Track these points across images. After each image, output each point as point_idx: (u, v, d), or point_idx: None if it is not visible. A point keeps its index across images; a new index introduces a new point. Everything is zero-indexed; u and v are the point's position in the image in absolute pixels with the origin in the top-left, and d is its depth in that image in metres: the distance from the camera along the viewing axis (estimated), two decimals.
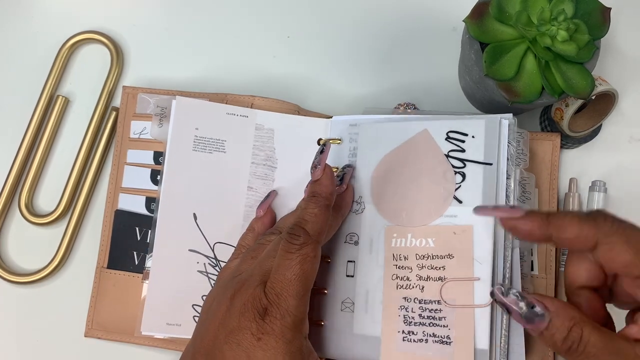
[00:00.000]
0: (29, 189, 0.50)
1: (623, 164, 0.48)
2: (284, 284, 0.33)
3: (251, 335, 0.32)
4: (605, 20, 0.41)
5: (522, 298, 0.30)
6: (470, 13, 0.41)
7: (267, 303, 0.33)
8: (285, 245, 0.35)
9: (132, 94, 0.49)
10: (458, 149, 0.41)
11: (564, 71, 0.40)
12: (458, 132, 0.41)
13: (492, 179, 0.39)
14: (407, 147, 0.42)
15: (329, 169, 0.39)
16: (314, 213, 0.36)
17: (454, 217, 0.40)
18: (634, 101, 0.49)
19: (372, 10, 0.53)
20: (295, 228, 0.35)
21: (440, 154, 0.41)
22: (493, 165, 0.40)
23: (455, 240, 0.39)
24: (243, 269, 0.37)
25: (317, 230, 0.36)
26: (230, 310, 0.34)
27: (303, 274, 0.34)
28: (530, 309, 0.30)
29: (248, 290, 0.34)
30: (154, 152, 0.48)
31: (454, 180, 0.40)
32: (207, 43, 0.53)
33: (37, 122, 0.51)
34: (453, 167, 0.41)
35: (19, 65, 0.53)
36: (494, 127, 0.40)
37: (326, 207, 0.37)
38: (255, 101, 0.47)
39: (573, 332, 0.29)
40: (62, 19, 0.54)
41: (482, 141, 0.40)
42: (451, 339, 0.38)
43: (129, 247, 0.47)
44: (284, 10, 0.54)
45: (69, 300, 0.48)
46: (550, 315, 0.29)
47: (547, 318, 0.29)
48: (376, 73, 0.51)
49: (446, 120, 0.42)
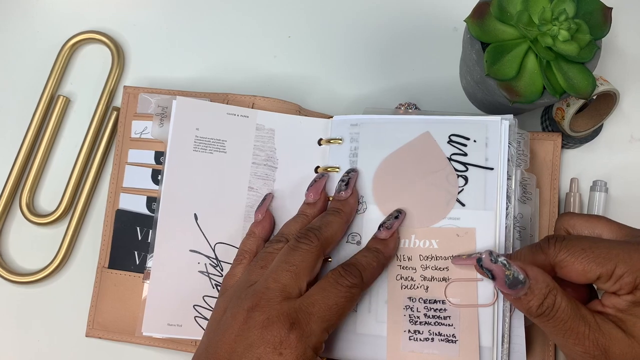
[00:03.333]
0: (30, 188, 0.50)
1: (624, 163, 0.48)
2: (322, 308, 0.35)
3: (273, 349, 0.33)
4: (607, 20, 0.41)
5: (509, 266, 0.32)
6: (471, 13, 0.41)
7: (296, 319, 0.34)
8: (337, 277, 0.36)
9: (133, 94, 0.49)
10: (460, 152, 0.41)
11: (565, 71, 0.40)
12: (460, 136, 0.41)
13: (493, 183, 0.40)
14: (410, 148, 0.42)
15: (395, 236, 0.40)
16: (373, 266, 0.38)
17: (457, 220, 0.40)
18: (635, 101, 0.49)
19: (373, 10, 0.53)
20: (352, 268, 0.37)
21: (442, 156, 0.41)
22: (495, 169, 0.40)
23: (458, 242, 0.39)
24: (253, 279, 0.37)
25: (369, 280, 0.38)
26: (248, 322, 0.34)
27: (342, 308, 0.35)
28: (514, 277, 0.32)
29: (273, 305, 0.34)
30: (155, 152, 0.48)
31: (456, 184, 0.41)
32: (208, 43, 0.53)
33: (38, 122, 0.51)
34: (456, 171, 0.41)
35: (20, 65, 0.53)
36: (495, 130, 0.41)
37: (383, 266, 0.39)
38: (256, 101, 0.47)
39: (548, 299, 0.31)
40: (63, 19, 0.54)
41: (483, 145, 0.41)
42: (456, 337, 0.38)
43: (130, 247, 0.47)
44: (285, 11, 0.54)
45: (70, 300, 0.48)
46: (530, 282, 0.32)
47: (527, 285, 0.32)
48: (377, 73, 0.51)
49: (448, 124, 0.42)
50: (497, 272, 0.33)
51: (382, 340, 0.39)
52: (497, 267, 0.33)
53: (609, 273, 0.31)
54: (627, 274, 0.31)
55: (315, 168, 0.45)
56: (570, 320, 0.31)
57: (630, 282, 0.31)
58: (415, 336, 0.39)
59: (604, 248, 0.32)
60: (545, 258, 0.33)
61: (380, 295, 0.40)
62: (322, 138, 0.46)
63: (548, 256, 0.33)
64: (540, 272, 0.32)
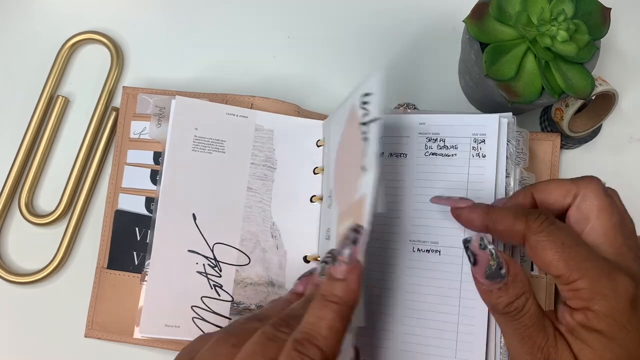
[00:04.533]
0: (29, 189, 0.50)
1: (623, 164, 0.48)
2: None
3: None
4: (605, 20, 0.41)
5: (495, 256, 0.31)
6: (470, 13, 0.41)
7: None
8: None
9: (132, 94, 0.49)
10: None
11: (564, 71, 0.40)
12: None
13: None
14: (345, 132, 0.40)
15: (359, 268, 0.30)
16: (332, 327, 0.28)
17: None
18: (634, 101, 0.49)
19: (372, 11, 0.53)
20: (305, 344, 0.27)
21: (358, 132, 0.36)
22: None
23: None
24: (219, 353, 0.29)
25: (332, 348, 0.28)
26: None
27: None
28: (497, 268, 0.31)
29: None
30: (154, 152, 0.48)
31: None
32: (207, 43, 0.53)
33: (37, 122, 0.51)
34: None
35: (19, 65, 0.53)
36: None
37: (347, 318, 0.29)
38: (255, 101, 0.47)
39: (520, 300, 0.30)
40: (63, 19, 0.54)
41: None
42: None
43: (128, 247, 0.47)
44: (284, 11, 0.54)
45: (68, 301, 0.48)
46: (508, 278, 0.31)
47: (504, 280, 0.31)
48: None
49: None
50: (482, 259, 0.31)
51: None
52: (483, 253, 0.31)
53: (570, 280, 0.30)
54: (585, 292, 0.30)
55: (314, 169, 0.45)
56: (532, 328, 0.30)
57: (585, 298, 0.29)
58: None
59: (581, 256, 0.30)
60: (523, 228, 0.31)
61: None
62: (320, 139, 0.46)
63: (528, 228, 0.31)
64: (521, 272, 0.31)
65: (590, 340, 0.29)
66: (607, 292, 0.29)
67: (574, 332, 0.30)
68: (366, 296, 0.39)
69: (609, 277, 0.29)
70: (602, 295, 0.29)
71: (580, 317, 0.30)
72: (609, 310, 0.29)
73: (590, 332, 0.29)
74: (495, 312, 0.32)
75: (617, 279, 0.29)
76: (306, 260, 0.44)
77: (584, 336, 0.30)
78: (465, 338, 0.38)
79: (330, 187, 0.42)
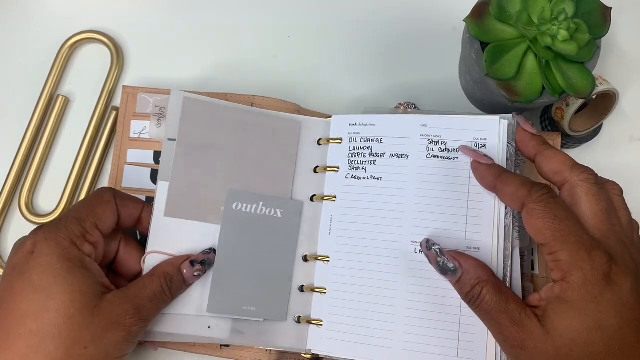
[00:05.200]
0: (29, 188, 0.50)
1: (624, 163, 0.48)
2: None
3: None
4: (606, 19, 0.41)
5: (441, 254, 0.37)
6: (470, 12, 0.41)
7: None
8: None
9: (132, 94, 0.49)
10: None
11: (565, 71, 0.40)
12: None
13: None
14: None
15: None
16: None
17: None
18: (635, 101, 0.49)
19: (372, 10, 0.53)
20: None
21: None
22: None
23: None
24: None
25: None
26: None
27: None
28: (445, 264, 0.37)
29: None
30: (154, 151, 0.48)
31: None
32: (207, 43, 0.53)
33: (37, 122, 0.51)
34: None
35: (19, 64, 0.53)
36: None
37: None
38: (255, 100, 0.47)
39: (474, 290, 0.35)
40: (63, 19, 0.54)
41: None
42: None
43: None
44: (284, 10, 0.54)
45: None
46: (462, 271, 0.36)
47: (458, 273, 0.36)
48: (376, 72, 0.51)
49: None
50: (430, 258, 0.38)
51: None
52: (430, 253, 0.38)
53: (553, 250, 0.33)
54: (565, 263, 0.32)
55: (315, 168, 0.45)
56: (493, 312, 0.34)
57: (564, 270, 0.32)
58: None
59: (568, 230, 0.33)
60: (525, 195, 0.35)
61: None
62: (321, 138, 0.46)
63: (529, 196, 0.34)
64: (473, 265, 0.36)
65: (562, 310, 0.32)
66: (584, 264, 0.32)
67: (550, 304, 0.32)
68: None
69: (588, 251, 0.32)
70: (579, 267, 0.32)
71: (558, 289, 0.32)
72: (582, 282, 0.32)
73: (563, 303, 0.32)
74: (465, 302, 0.36)
75: (595, 254, 0.32)
76: (305, 260, 0.43)
77: (557, 307, 0.32)
78: (467, 338, 0.38)
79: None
